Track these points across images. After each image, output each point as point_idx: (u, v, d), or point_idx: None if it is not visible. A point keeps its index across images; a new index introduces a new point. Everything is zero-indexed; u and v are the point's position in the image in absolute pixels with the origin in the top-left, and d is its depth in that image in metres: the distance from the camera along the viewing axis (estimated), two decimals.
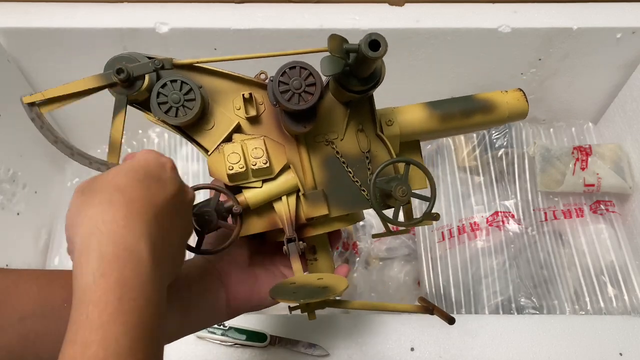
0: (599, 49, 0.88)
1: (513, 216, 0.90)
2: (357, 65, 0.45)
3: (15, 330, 0.41)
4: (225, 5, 0.85)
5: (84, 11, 0.84)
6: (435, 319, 0.54)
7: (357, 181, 0.52)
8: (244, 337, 0.66)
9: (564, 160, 0.90)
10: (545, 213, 0.90)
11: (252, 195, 0.49)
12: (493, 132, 0.95)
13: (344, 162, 0.52)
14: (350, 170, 0.52)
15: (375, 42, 0.42)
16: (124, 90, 0.47)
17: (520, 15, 0.86)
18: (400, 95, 0.95)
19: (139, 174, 0.41)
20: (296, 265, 0.50)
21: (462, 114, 0.55)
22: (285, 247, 0.50)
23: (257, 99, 0.50)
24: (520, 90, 0.57)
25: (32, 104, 0.49)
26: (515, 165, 0.93)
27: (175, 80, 0.47)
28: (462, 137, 0.96)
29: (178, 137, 0.98)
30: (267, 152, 0.49)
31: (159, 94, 0.47)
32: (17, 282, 0.44)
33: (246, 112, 0.50)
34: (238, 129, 0.50)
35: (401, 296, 0.91)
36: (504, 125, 0.96)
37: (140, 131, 0.98)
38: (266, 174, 0.49)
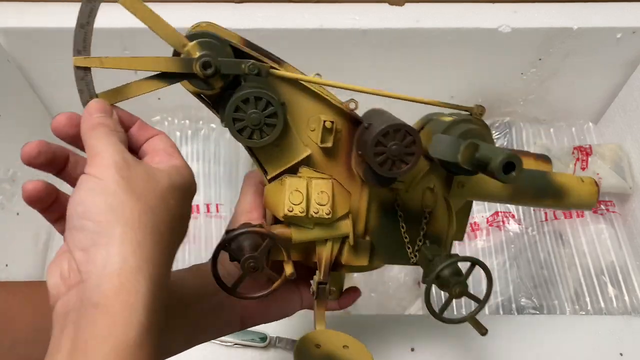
0: (599, 49, 0.88)
1: (513, 216, 0.90)
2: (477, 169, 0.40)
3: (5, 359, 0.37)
4: (225, 5, 0.85)
5: None
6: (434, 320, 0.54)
7: (406, 237, 0.48)
8: (244, 337, 0.66)
9: (565, 160, 0.90)
10: (546, 213, 0.90)
11: (299, 233, 0.45)
12: (493, 132, 0.94)
13: (400, 216, 0.48)
14: (404, 225, 0.48)
15: (510, 165, 0.36)
16: (199, 83, 0.40)
17: (520, 15, 0.85)
18: None
19: (184, 209, 0.36)
20: (320, 313, 0.47)
21: (534, 194, 0.52)
22: (312, 288, 0.47)
23: (336, 125, 0.44)
24: (596, 184, 0.54)
25: (83, 68, 0.40)
26: None
27: (261, 98, 0.39)
28: None
29: (178, 136, 0.98)
30: (333, 200, 0.44)
31: (237, 107, 0.39)
32: (9, 300, 0.40)
33: (321, 140, 0.44)
34: (306, 158, 0.45)
35: (401, 296, 0.91)
36: (504, 124, 0.96)
37: None
38: (323, 222, 0.44)
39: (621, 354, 0.67)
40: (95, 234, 0.31)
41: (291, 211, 0.43)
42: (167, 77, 0.40)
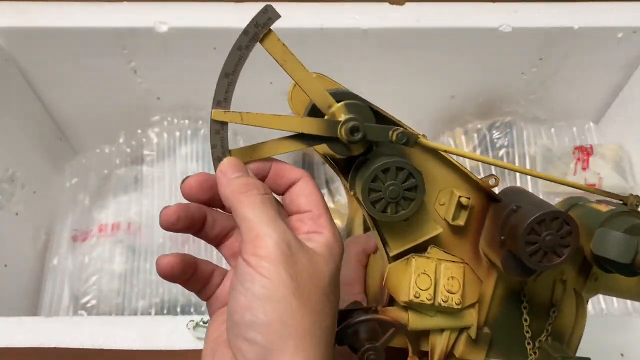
0: (600, 49, 0.87)
1: None
2: None
3: None
4: (225, 4, 0.85)
5: (83, 10, 0.83)
6: None
7: (528, 332, 0.43)
8: None
9: (565, 160, 0.90)
10: None
11: (418, 320, 0.40)
12: (494, 131, 0.94)
13: (525, 307, 0.43)
14: (527, 317, 0.43)
15: None
16: (339, 148, 0.36)
17: (521, 14, 0.85)
18: (399, 96, 0.95)
19: (338, 296, 0.34)
20: None
21: None
22: None
23: (471, 202, 0.39)
24: None
25: (220, 122, 0.36)
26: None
27: (402, 169, 0.35)
28: (462, 136, 0.96)
29: (177, 136, 0.98)
30: (464, 288, 0.39)
31: (375, 177, 0.35)
32: None
33: (453, 217, 0.39)
34: (435, 236, 0.40)
35: None
36: (505, 124, 0.95)
37: (139, 131, 0.98)
38: (449, 311, 0.39)
39: (622, 355, 0.67)
40: (265, 350, 0.29)
41: (417, 297, 0.38)
42: (306, 139, 0.36)
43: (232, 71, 0.34)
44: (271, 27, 0.35)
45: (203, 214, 0.36)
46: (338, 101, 0.36)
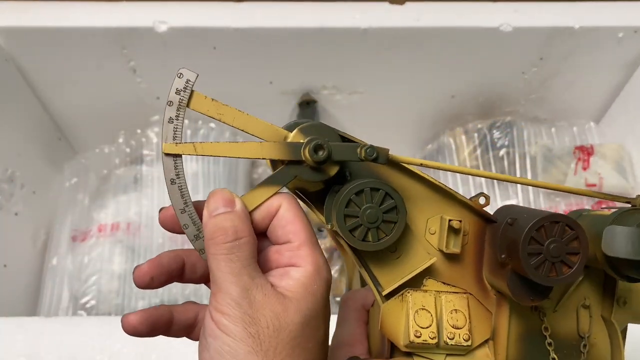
0: (601, 48, 0.87)
1: None
2: None
3: None
4: (225, 4, 0.84)
5: (83, 10, 0.83)
6: None
7: None
8: None
9: (566, 160, 0.89)
10: None
11: None
12: (494, 131, 0.94)
13: (549, 344, 0.38)
14: (555, 356, 0.38)
15: None
16: (309, 173, 0.34)
17: (521, 14, 0.85)
18: (400, 95, 0.95)
19: (324, 334, 0.33)
20: None
21: None
22: None
23: (464, 225, 0.36)
24: None
25: (174, 155, 0.34)
26: (517, 165, 0.93)
27: (378, 189, 0.33)
28: (463, 136, 0.96)
29: None
30: (470, 322, 0.35)
31: (349, 202, 0.33)
32: None
33: (446, 245, 0.35)
34: (430, 268, 0.36)
35: None
36: (505, 124, 0.95)
37: (138, 131, 0.98)
38: (458, 351, 0.35)
39: None
40: None
41: (419, 337, 0.34)
42: (278, 180, 0.34)
43: (175, 115, 0.33)
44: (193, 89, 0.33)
45: (180, 262, 0.35)
46: (292, 130, 0.34)
